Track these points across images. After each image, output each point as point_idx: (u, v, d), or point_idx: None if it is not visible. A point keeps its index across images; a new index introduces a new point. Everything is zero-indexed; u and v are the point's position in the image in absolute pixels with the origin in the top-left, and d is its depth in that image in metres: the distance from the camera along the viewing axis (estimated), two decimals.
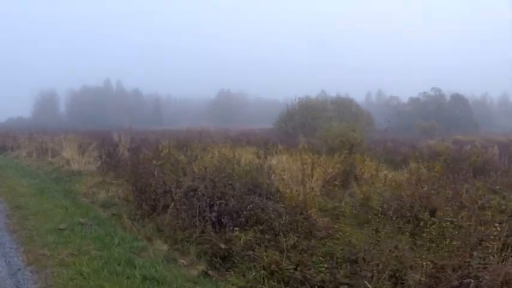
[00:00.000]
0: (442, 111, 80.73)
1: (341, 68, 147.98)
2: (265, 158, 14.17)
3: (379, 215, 6.28)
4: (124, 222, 7.71)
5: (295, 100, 50.24)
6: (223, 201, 6.90)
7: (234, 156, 15.31)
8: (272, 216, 6.63)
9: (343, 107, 49.84)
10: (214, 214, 6.68)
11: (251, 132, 45.36)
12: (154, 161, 12.99)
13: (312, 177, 10.23)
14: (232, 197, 7.10)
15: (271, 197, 8.11)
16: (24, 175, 14.21)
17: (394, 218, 6.18)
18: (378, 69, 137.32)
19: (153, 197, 8.08)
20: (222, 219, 6.62)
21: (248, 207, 6.79)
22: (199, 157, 13.95)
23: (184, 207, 7.25)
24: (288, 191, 8.85)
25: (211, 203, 6.93)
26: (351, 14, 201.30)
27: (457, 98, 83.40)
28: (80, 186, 11.63)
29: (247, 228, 6.38)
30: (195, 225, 6.73)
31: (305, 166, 9.87)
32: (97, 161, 15.23)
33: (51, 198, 9.85)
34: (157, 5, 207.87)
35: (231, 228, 6.32)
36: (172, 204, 7.63)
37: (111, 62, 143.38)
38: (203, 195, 7.21)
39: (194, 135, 33.62)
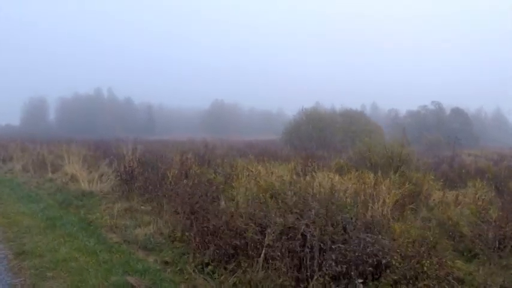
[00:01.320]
0: (442, 124, 79.59)
1: (334, 81, 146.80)
2: (305, 176, 11.98)
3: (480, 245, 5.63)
4: (191, 278, 5.25)
5: (302, 111, 48.34)
6: (337, 244, 5.02)
7: (272, 174, 13.06)
8: (398, 259, 4.96)
9: (353, 119, 47.85)
10: (331, 263, 4.76)
11: (256, 144, 43.11)
12: (185, 180, 10.66)
13: (378, 200, 8.11)
14: (349, 237, 4.98)
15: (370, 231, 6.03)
16: (23, 197, 11.58)
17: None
18: (371, 83, 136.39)
19: (228, 239, 5.64)
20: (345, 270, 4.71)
21: (368, 249, 4.94)
22: (236, 176, 11.62)
23: (280, 253, 4.98)
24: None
25: (322, 247, 5.11)
26: (345, 27, 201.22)
27: (457, 112, 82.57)
28: (101, 214, 9.07)
29: (376, 278, 4.83)
30: (306, 280, 4.84)
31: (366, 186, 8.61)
32: (112, 178, 12.73)
33: (69, 236, 7.32)
34: (151, 15, 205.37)
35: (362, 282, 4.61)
36: (263, 252, 5.22)
37: (103, 70, 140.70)
38: (312, 236, 4.95)
39: (197, 145, 31.28)
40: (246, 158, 19.34)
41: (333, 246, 5.03)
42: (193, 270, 5.40)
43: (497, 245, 6.16)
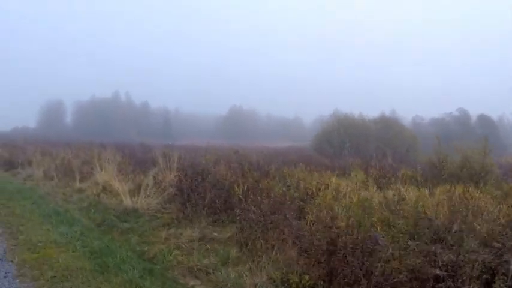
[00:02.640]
0: (468, 132, 76.26)
1: (352, 87, 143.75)
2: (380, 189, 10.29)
3: None
4: None
5: (333, 117, 45.68)
6: None
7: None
8: None
9: (388, 126, 44.97)
10: None
11: (286, 151, 40.49)
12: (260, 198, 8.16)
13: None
14: None
15: None
16: (50, 214, 8.97)
17: None
18: (388, 88, 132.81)
19: None
20: None
21: None
22: (316, 192, 9.09)
23: None
24: None
25: None
26: (363, 35, 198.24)
27: (483, 119, 79.13)
28: (165, 247, 6.43)
29: None
30: None
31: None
32: (156, 191, 10.18)
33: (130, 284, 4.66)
34: (170, 17, 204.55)
35: None
36: None
37: (120, 74, 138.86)
38: None
39: (225, 152, 28.69)
40: (292, 167, 16.79)
41: None
42: None
43: None
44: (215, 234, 7.04)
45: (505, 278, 3.85)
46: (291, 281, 4.74)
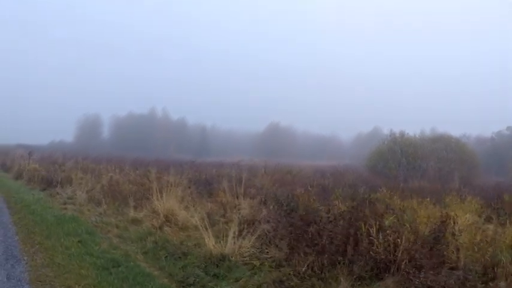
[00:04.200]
0: None
1: (390, 106, 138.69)
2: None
3: None
4: None
5: (390, 136, 42.10)
6: None
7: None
8: None
9: (449, 146, 40.89)
10: None
11: (340, 171, 37.02)
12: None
13: None
14: None
15: None
16: (106, 265, 5.99)
17: None
18: (423, 108, 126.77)
19: None
20: None
21: None
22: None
23: None
24: None
25: None
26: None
27: None
28: None
29: None
30: None
31: None
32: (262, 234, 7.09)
33: None
34: (202, 34, 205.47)
35: None
36: None
37: (157, 90, 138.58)
38: None
39: (273, 171, 25.68)
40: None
41: None
42: None
43: None
44: None
45: None
46: None
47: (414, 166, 37.73)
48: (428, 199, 11.44)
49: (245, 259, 6.63)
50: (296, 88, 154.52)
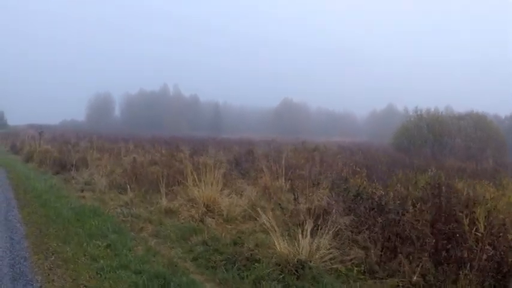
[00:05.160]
0: None
1: (403, 84, 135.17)
2: None
3: None
4: None
5: (417, 112, 40.00)
6: None
7: None
8: None
9: (478, 124, 38.73)
10: None
11: (364, 148, 35.30)
12: None
13: None
14: None
15: None
16: (151, 285, 4.16)
17: None
18: (435, 88, 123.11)
19: None
20: None
21: None
22: None
23: None
24: None
25: None
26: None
27: None
28: None
29: None
30: None
31: None
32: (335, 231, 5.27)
33: None
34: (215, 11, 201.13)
35: None
36: None
37: (169, 68, 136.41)
38: None
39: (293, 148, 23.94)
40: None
41: None
42: None
43: None
44: None
45: None
46: None
47: (441, 143, 36.05)
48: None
49: (326, 264, 4.89)
50: (307, 65, 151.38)
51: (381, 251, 5.30)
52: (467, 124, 38.12)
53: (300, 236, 5.29)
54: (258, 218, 7.59)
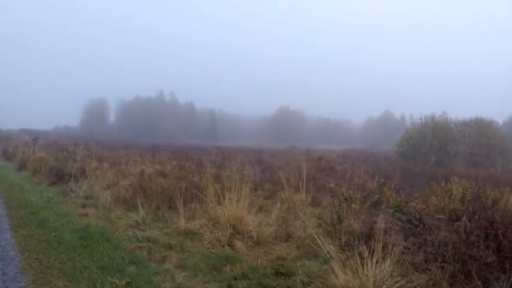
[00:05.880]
0: None
1: (403, 88, 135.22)
2: None
3: None
4: None
5: (421, 119, 39.27)
6: None
7: None
8: None
9: (483, 130, 38.04)
10: None
11: (368, 156, 34.37)
12: None
13: None
14: None
15: None
16: None
17: None
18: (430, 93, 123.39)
19: None
20: None
21: None
22: None
23: None
24: None
25: None
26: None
27: None
28: None
29: None
30: None
31: None
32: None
33: None
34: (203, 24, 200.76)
35: None
36: None
37: (164, 76, 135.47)
38: None
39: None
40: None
41: None
42: None
43: None
44: None
45: None
46: None
47: (446, 150, 35.46)
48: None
49: None
50: (303, 73, 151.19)
51: (453, 276, 4.32)
52: (472, 130, 37.51)
53: (358, 262, 4.25)
54: (290, 239, 6.65)
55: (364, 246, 4.60)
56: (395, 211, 6.83)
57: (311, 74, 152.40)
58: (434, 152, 35.34)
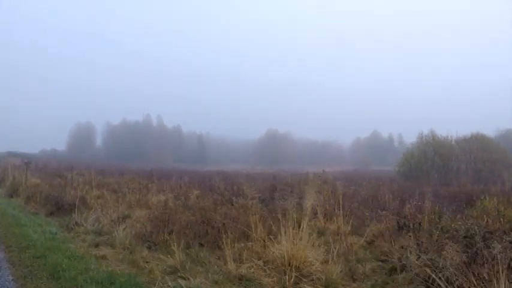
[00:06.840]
0: None
1: (390, 108, 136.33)
2: None
3: None
4: None
5: (420, 138, 39.03)
6: None
7: None
8: None
9: (484, 146, 37.86)
10: None
11: (370, 177, 33.23)
12: None
13: None
14: None
15: None
16: None
17: None
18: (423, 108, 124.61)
19: None
20: None
21: None
22: None
23: None
24: None
25: None
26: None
27: None
28: None
29: None
30: None
31: None
32: None
33: None
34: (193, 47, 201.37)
35: None
36: None
37: (150, 100, 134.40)
38: None
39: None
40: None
41: None
42: None
43: None
44: None
45: None
46: None
47: (448, 168, 34.89)
48: None
49: None
50: (287, 97, 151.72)
51: None
52: (472, 146, 37.13)
53: None
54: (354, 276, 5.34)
55: None
56: (464, 237, 5.73)
57: (300, 97, 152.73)
58: (436, 170, 34.79)
